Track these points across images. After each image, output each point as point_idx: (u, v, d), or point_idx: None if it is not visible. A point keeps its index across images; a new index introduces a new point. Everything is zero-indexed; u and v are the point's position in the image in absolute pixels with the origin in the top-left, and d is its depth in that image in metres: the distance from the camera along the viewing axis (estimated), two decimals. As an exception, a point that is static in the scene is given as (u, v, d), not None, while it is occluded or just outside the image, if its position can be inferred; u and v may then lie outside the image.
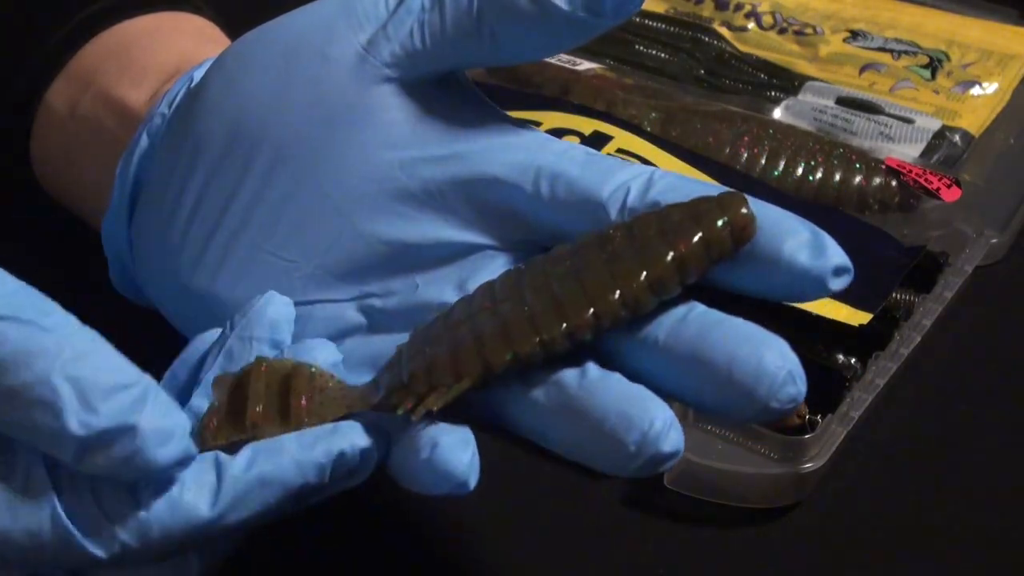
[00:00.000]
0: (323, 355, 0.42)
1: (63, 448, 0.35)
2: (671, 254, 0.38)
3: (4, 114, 0.53)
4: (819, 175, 0.63)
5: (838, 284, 0.40)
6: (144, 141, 0.47)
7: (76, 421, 0.35)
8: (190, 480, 0.37)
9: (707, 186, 0.42)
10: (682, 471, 0.50)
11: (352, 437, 0.39)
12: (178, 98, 0.47)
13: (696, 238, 0.39)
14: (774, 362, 0.38)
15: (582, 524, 0.50)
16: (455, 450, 0.39)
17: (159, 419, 0.36)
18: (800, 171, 0.63)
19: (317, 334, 0.44)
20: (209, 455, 0.38)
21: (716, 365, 0.38)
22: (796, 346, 0.53)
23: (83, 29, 0.53)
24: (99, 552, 0.36)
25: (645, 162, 0.60)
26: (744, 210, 0.39)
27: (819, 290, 0.39)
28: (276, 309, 0.43)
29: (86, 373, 0.35)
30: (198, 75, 0.46)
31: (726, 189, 0.41)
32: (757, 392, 0.38)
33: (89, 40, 0.52)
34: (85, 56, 0.52)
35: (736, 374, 0.38)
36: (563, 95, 0.68)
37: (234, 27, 0.56)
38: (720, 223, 0.39)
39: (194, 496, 0.37)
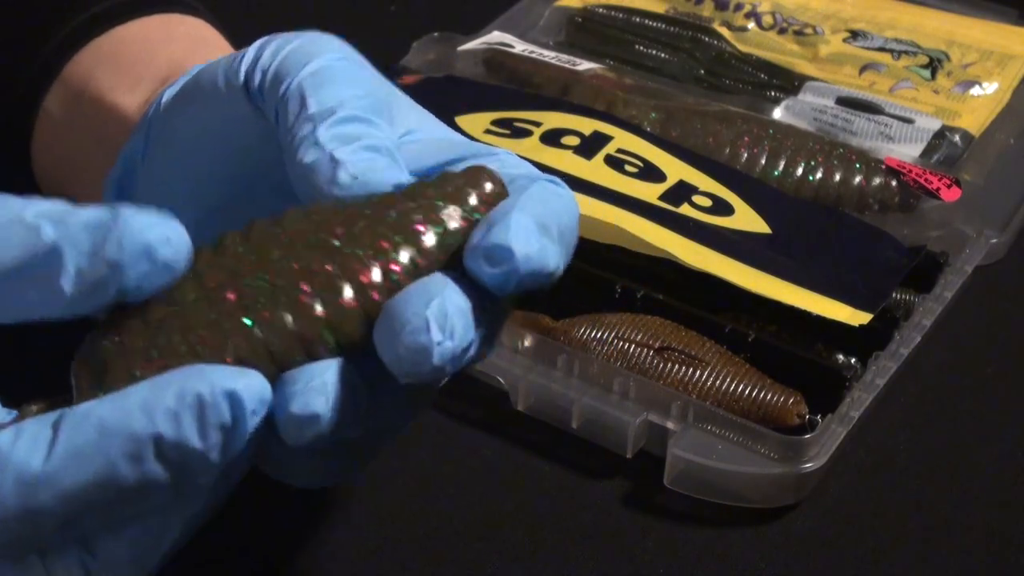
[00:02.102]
0: None
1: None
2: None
3: (3, 120, 0.53)
4: (819, 175, 0.63)
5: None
6: (133, 148, 0.47)
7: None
8: (25, 432, 0.34)
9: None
10: (682, 471, 0.50)
11: (216, 378, 0.34)
12: (162, 106, 0.47)
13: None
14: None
15: (582, 524, 0.50)
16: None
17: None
18: (800, 171, 0.63)
19: None
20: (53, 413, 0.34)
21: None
22: (796, 346, 0.54)
23: (78, 35, 0.53)
24: None
25: (645, 162, 0.60)
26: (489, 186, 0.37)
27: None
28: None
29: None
30: (182, 83, 0.46)
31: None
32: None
33: (84, 45, 0.53)
34: (80, 62, 0.52)
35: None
36: (563, 95, 0.68)
37: (230, 24, 0.57)
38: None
39: (26, 448, 0.34)
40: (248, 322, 0.35)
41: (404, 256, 0.36)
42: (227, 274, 0.36)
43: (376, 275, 0.36)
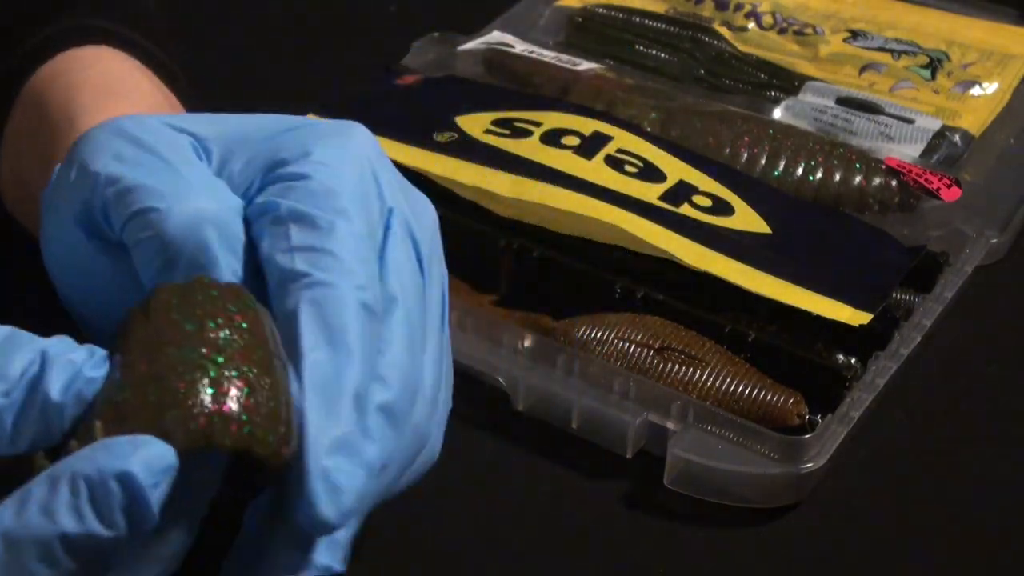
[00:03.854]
0: None
1: None
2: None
3: None
4: (819, 175, 0.63)
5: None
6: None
7: None
8: None
9: None
10: (682, 471, 0.50)
11: (104, 462, 0.33)
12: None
13: None
14: None
15: (582, 524, 0.50)
16: None
17: None
18: (800, 171, 0.63)
19: None
20: None
21: None
22: (796, 346, 0.54)
23: (38, 54, 0.53)
24: None
25: (645, 162, 0.60)
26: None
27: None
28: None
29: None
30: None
31: None
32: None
33: (44, 63, 0.53)
34: (36, 80, 0.53)
35: None
36: (563, 95, 0.68)
37: (231, 25, 0.56)
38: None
39: None
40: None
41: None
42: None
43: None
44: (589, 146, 0.61)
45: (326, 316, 0.38)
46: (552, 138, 0.61)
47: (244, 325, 0.37)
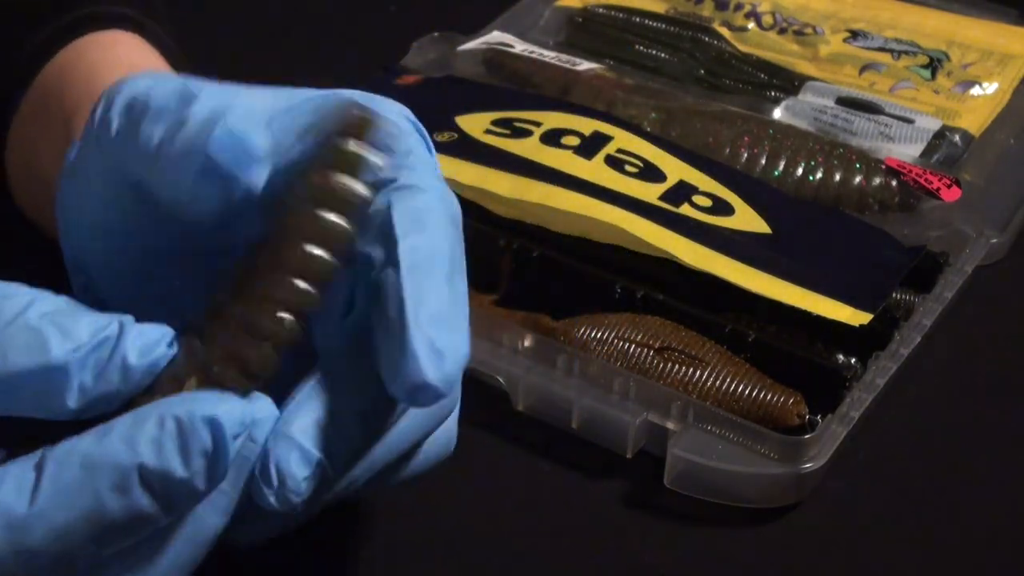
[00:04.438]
0: None
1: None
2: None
3: None
4: (819, 175, 0.63)
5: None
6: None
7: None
8: (8, 476, 0.35)
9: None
10: (682, 471, 0.50)
11: (194, 406, 0.34)
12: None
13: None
14: None
15: (582, 524, 0.50)
16: None
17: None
18: (800, 171, 0.63)
19: None
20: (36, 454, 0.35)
21: None
22: (796, 346, 0.54)
23: (51, 43, 0.53)
24: None
25: (645, 162, 0.60)
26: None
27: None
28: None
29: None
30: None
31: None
32: None
33: (56, 53, 0.53)
34: (48, 71, 0.53)
35: None
36: (563, 95, 0.68)
37: (231, 24, 0.56)
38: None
39: (10, 492, 0.34)
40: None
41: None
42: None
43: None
44: (589, 146, 0.61)
45: (415, 211, 0.38)
46: (552, 138, 0.61)
47: None
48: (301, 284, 0.37)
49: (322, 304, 0.37)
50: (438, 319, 0.36)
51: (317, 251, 0.37)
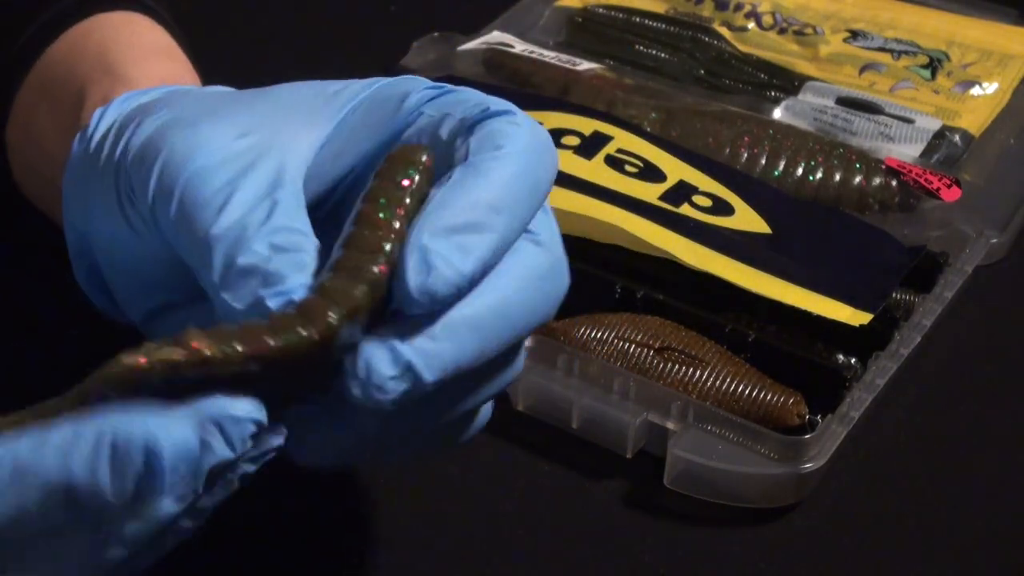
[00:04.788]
0: None
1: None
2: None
3: None
4: (819, 175, 0.63)
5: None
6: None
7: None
8: None
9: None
10: (682, 471, 0.50)
11: (135, 427, 0.33)
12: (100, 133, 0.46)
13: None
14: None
15: (582, 524, 0.50)
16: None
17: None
18: (800, 171, 0.63)
19: None
20: None
21: None
22: (796, 346, 0.54)
23: (53, 25, 0.53)
24: None
25: (645, 162, 0.60)
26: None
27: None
28: None
29: None
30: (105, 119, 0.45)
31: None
32: None
33: (58, 37, 0.53)
34: (51, 52, 0.53)
35: None
36: (563, 95, 0.68)
37: (230, 24, 0.56)
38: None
39: None
40: None
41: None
42: None
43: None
44: (589, 146, 0.61)
45: (492, 133, 0.39)
46: (552, 138, 0.61)
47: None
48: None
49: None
50: (446, 233, 0.36)
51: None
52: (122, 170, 0.42)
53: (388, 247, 0.36)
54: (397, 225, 0.37)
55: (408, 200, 0.37)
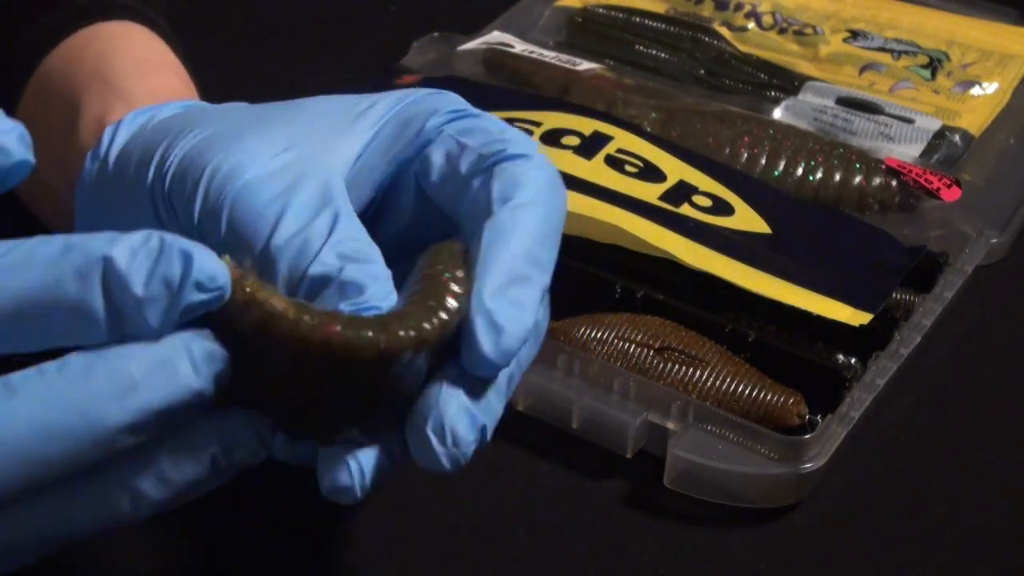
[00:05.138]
0: None
1: None
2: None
3: None
4: (819, 175, 0.63)
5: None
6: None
7: None
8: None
9: None
10: (682, 471, 0.50)
11: (180, 241, 0.34)
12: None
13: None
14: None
15: (582, 524, 0.50)
16: None
17: None
18: (800, 171, 0.63)
19: None
20: None
21: None
22: (796, 346, 0.54)
23: (51, 34, 0.53)
24: None
25: (645, 162, 0.60)
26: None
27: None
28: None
29: None
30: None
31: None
32: None
33: (57, 45, 0.53)
34: (50, 62, 0.53)
35: None
36: (563, 95, 0.68)
37: (230, 24, 0.56)
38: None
39: None
40: None
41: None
42: None
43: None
44: (589, 146, 0.61)
45: (513, 178, 0.41)
46: (552, 138, 0.61)
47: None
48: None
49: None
50: (501, 292, 0.38)
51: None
52: (158, 191, 0.42)
53: (454, 302, 0.38)
54: (457, 288, 0.38)
55: (461, 272, 0.39)
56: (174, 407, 0.34)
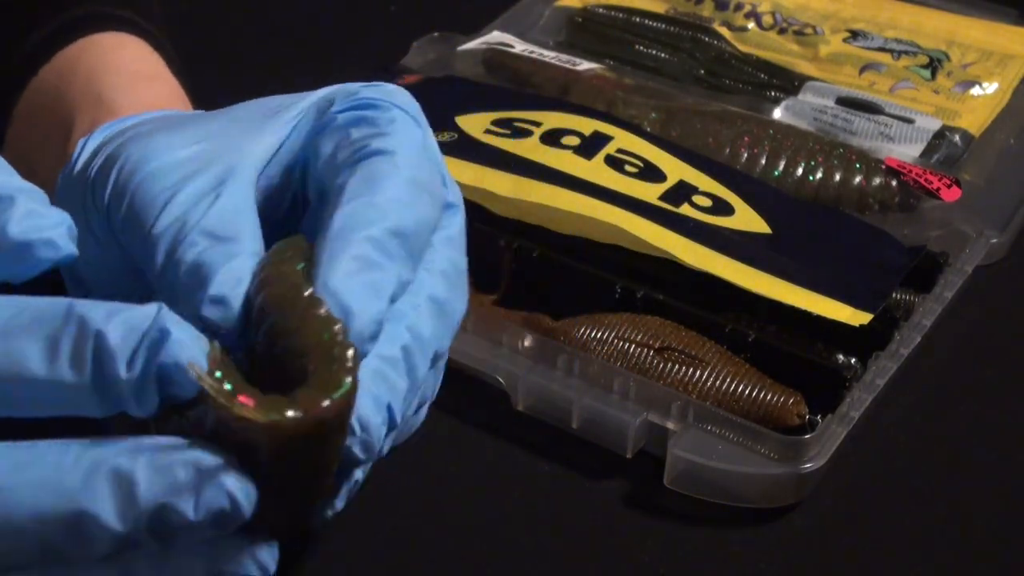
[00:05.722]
0: None
1: None
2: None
3: None
4: (819, 175, 0.63)
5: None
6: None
7: None
8: None
9: None
10: (682, 471, 0.50)
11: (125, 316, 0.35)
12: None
13: None
14: None
15: (582, 524, 0.50)
16: None
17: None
18: (800, 171, 0.63)
19: None
20: None
21: None
22: (796, 346, 0.54)
23: (47, 45, 0.54)
24: None
25: (645, 162, 0.60)
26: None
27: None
28: None
29: None
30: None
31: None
32: None
33: (53, 56, 0.53)
34: (53, 66, 0.53)
35: None
36: (563, 95, 0.68)
37: (231, 24, 0.56)
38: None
39: None
40: None
41: None
42: None
43: None
44: (589, 146, 0.61)
45: (370, 174, 0.40)
46: (552, 138, 0.61)
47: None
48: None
49: None
50: (349, 276, 0.37)
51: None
52: (88, 186, 0.42)
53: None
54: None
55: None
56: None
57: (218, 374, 0.35)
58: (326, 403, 0.35)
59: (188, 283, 0.38)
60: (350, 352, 0.36)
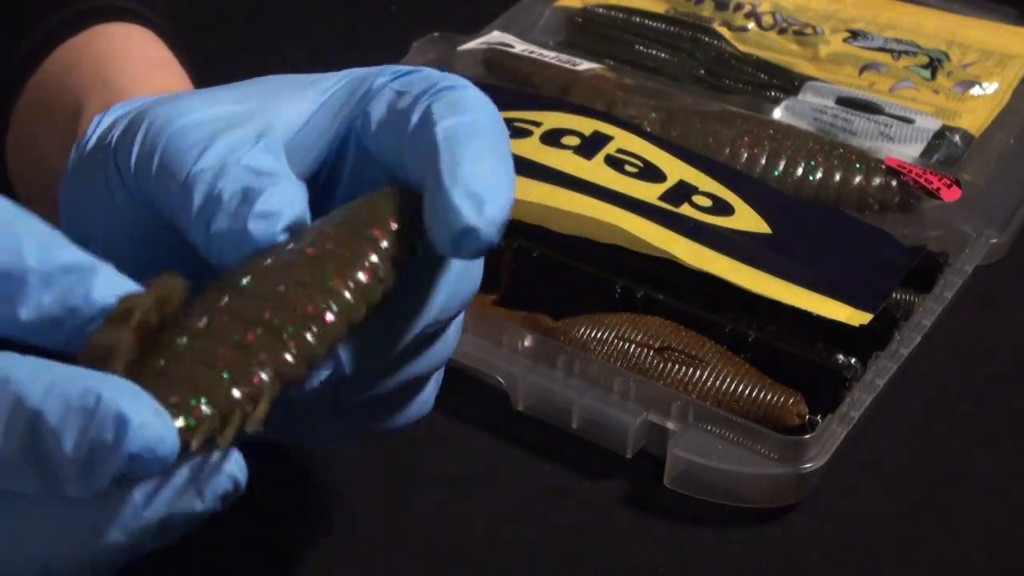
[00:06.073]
0: None
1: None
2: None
3: None
4: (819, 175, 0.63)
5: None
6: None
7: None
8: None
9: None
10: (682, 471, 0.50)
11: (121, 400, 0.32)
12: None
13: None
14: None
15: (582, 524, 0.50)
16: None
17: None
18: (800, 171, 0.63)
19: None
20: None
21: None
22: (796, 346, 0.54)
23: (52, 37, 0.53)
24: None
25: (645, 162, 0.60)
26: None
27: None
28: None
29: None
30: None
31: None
32: None
33: (56, 48, 0.53)
34: (49, 64, 0.53)
35: None
36: (563, 95, 0.68)
37: (232, 24, 0.56)
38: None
39: None
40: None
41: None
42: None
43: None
44: (589, 146, 0.61)
45: (455, 101, 0.39)
46: (552, 138, 0.61)
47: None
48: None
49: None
50: (475, 174, 0.37)
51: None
52: (110, 155, 0.42)
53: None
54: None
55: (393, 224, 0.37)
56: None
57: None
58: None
59: (232, 206, 0.37)
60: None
